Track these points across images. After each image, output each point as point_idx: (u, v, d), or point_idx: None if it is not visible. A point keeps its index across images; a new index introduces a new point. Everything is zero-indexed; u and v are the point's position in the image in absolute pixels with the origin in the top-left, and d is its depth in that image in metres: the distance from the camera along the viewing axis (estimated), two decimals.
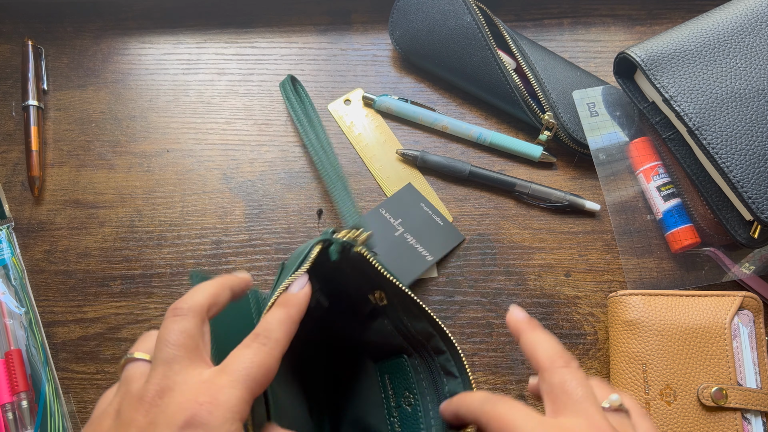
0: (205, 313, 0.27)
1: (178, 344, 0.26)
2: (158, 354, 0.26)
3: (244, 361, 0.26)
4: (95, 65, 0.55)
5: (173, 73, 0.55)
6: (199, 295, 0.28)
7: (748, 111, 0.42)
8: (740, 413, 0.41)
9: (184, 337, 0.26)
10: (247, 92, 0.54)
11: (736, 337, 0.43)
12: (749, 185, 0.40)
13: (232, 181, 0.52)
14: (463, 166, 0.50)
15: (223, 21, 0.56)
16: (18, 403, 0.44)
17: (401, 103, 0.53)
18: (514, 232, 0.50)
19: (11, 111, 0.54)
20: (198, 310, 0.27)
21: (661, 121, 0.47)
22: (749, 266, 0.46)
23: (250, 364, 0.25)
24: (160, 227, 0.50)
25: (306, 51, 0.56)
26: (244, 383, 0.25)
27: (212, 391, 0.24)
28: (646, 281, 0.47)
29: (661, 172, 0.48)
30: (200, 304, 0.27)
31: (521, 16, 0.56)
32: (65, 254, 0.49)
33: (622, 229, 0.48)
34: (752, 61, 0.43)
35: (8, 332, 0.46)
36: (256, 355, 0.26)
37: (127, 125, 0.53)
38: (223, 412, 0.24)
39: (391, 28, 0.53)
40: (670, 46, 0.44)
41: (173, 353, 0.25)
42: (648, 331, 0.43)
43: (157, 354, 0.26)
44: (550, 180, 0.51)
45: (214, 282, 0.29)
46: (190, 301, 0.27)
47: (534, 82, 0.50)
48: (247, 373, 0.25)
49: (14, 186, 0.51)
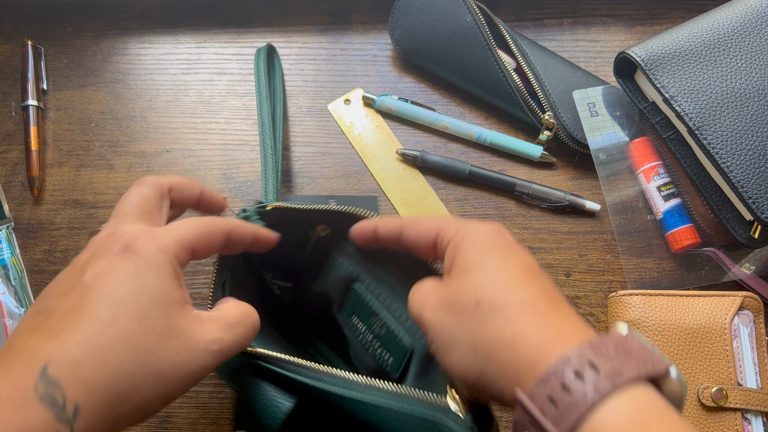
0: (165, 188, 0.32)
1: (134, 204, 0.30)
2: (115, 210, 0.29)
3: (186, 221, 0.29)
4: (95, 65, 0.55)
5: (173, 72, 0.55)
6: (164, 176, 0.32)
7: (749, 111, 0.42)
8: (740, 413, 0.41)
9: (141, 199, 0.30)
10: (247, 92, 0.54)
11: (736, 337, 0.43)
12: (749, 185, 0.40)
13: (232, 181, 0.52)
14: (463, 166, 0.50)
15: (223, 21, 0.56)
16: None
17: (401, 103, 0.53)
18: (514, 232, 0.50)
19: (11, 111, 0.53)
20: (160, 183, 0.31)
21: (662, 121, 0.47)
22: (749, 266, 0.46)
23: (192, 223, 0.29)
24: None
25: (306, 51, 0.56)
26: (182, 233, 0.28)
27: (150, 233, 0.27)
28: (647, 281, 0.47)
29: (662, 172, 0.48)
30: (163, 180, 0.32)
31: (521, 16, 0.56)
32: (65, 254, 0.49)
33: (622, 229, 0.48)
34: (752, 61, 0.43)
35: (8, 332, 0.46)
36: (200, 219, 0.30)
37: (127, 125, 0.53)
38: (157, 243, 0.27)
39: (391, 27, 0.53)
40: (671, 46, 0.44)
41: (127, 210, 0.29)
42: (648, 331, 0.43)
43: (115, 210, 0.29)
44: (550, 180, 0.51)
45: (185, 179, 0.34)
46: (155, 176, 0.32)
47: (534, 82, 0.50)
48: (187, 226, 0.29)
49: (14, 186, 0.51)
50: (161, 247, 0.27)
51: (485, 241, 0.28)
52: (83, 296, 0.25)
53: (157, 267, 0.26)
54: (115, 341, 0.24)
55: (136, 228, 0.28)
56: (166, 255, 0.27)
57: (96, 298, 0.25)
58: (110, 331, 0.24)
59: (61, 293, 0.26)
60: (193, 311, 0.27)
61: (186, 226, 0.29)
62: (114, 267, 0.26)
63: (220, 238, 0.30)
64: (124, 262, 0.26)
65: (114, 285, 0.25)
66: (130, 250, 0.26)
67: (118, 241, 0.27)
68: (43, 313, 0.25)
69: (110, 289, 0.25)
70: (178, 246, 0.27)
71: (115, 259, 0.26)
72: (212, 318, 0.28)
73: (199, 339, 0.26)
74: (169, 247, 0.27)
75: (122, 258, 0.26)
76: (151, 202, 0.30)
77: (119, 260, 0.26)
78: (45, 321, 0.25)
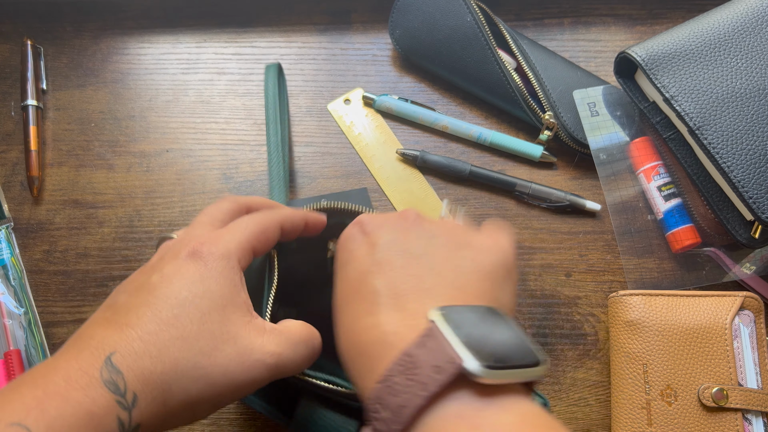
0: (245, 208, 0.33)
1: (210, 215, 0.31)
2: (194, 219, 0.32)
3: (245, 220, 0.31)
4: (94, 65, 0.55)
5: (172, 72, 0.55)
6: (248, 197, 0.34)
7: (749, 111, 0.42)
8: (741, 414, 0.41)
9: (218, 212, 0.32)
10: (246, 92, 0.54)
11: (736, 337, 0.43)
12: (750, 185, 0.40)
13: (231, 181, 0.51)
14: (463, 166, 0.50)
15: (223, 20, 0.56)
16: None
17: (401, 102, 0.53)
18: (515, 232, 0.50)
19: (10, 111, 0.53)
20: (241, 202, 0.33)
21: (662, 121, 0.46)
22: (750, 266, 0.46)
23: (250, 222, 0.31)
24: (160, 227, 0.50)
25: (306, 51, 0.56)
26: (243, 234, 0.30)
27: (215, 237, 0.29)
28: (647, 281, 0.47)
29: (662, 172, 0.48)
30: (245, 200, 0.34)
31: (521, 16, 0.56)
32: (64, 254, 0.49)
33: (622, 229, 0.48)
34: (753, 61, 0.43)
35: (7, 332, 0.46)
36: (256, 217, 0.31)
37: (127, 125, 0.53)
38: (221, 249, 0.28)
39: (391, 27, 0.53)
40: (671, 46, 0.44)
41: (203, 219, 0.31)
42: (649, 332, 0.43)
43: (195, 221, 0.31)
44: (550, 180, 0.51)
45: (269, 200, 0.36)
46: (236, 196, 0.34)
47: (534, 81, 0.50)
48: (246, 227, 0.30)
49: (13, 186, 0.51)
50: (225, 252, 0.28)
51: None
52: (149, 295, 0.26)
53: (219, 273, 0.27)
54: (174, 340, 0.25)
55: (204, 233, 0.29)
56: (229, 261, 0.28)
57: (161, 298, 0.26)
58: (170, 329, 0.25)
59: (131, 290, 0.27)
60: (256, 320, 0.28)
61: (245, 227, 0.30)
62: (180, 270, 0.27)
63: (275, 232, 0.32)
64: (190, 266, 0.27)
65: (178, 287, 0.27)
66: (196, 256, 0.28)
67: (186, 245, 0.28)
68: (112, 307, 0.27)
69: (174, 291, 0.26)
70: (240, 250, 0.29)
71: (181, 263, 0.28)
72: (275, 331, 0.28)
73: (256, 349, 0.27)
74: (232, 252, 0.28)
75: (188, 262, 0.28)
76: (227, 215, 0.32)
77: (185, 264, 0.27)
78: (113, 315, 0.26)
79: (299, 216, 0.34)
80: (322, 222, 0.36)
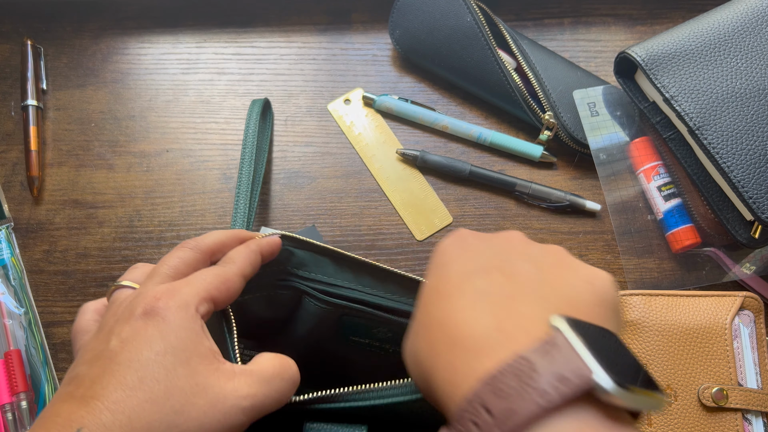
0: (208, 252, 0.31)
1: (170, 265, 0.29)
2: (151, 272, 0.30)
3: (203, 273, 0.29)
4: (94, 65, 0.55)
5: (173, 72, 0.55)
6: (208, 238, 0.32)
7: (749, 111, 0.42)
8: (741, 414, 0.41)
9: (178, 261, 0.30)
10: (246, 92, 0.54)
11: (736, 337, 0.43)
12: (750, 185, 0.40)
13: (231, 180, 0.51)
14: (463, 166, 0.50)
15: (223, 20, 0.56)
16: (17, 403, 0.44)
17: (401, 102, 0.53)
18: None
19: (10, 111, 0.53)
20: (202, 247, 0.31)
21: (662, 121, 0.46)
22: (750, 266, 0.46)
23: (209, 274, 0.29)
24: (160, 227, 0.50)
25: (306, 51, 0.56)
26: (201, 285, 0.28)
27: (171, 290, 0.28)
28: (647, 281, 0.47)
29: (662, 172, 0.48)
30: (206, 244, 0.32)
31: (521, 16, 0.56)
32: (64, 254, 0.49)
33: (622, 229, 0.48)
34: (753, 61, 0.43)
35: (8, 332, 0.46)
36: (215, 269, 0.30)
37: (127, 125, 0.53)
38: (177, 301, 0.27)
39: (391, 27, 0.53)
40: (671, 46, 0.44)
41: (161, 271, 0.29)
42: (649, 332, 0.43)
43: (151, 272, 0.30)
44: (550, 180, 0.51)
45: (228, 232, 0.33)
46: (198, 240, 0.32)
47: (534, 81, 0.50)
48: (205, 279, 0.29)
49: (13, 186, 0.51)
50: (182, 303, 0.27)
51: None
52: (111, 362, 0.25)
53: (179, 326, 0.26)
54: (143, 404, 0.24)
55: (159, 288, 0.28)
56: (187, 311, 0.27)
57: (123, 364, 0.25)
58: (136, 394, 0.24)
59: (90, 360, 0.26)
60: (223, 365, 0.27)
61: (203, 278, 0.29)
62: (138, 332, 0.26)
63: (237, 283, 0.30)
64: (147, 325, 0.26)
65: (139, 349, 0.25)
66: (152, 313, 0.26)
67: (141, 303, 0.27)
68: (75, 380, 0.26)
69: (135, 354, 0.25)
70: (198, 299, 0.28)
71: (138, 324, 0.26)
72: (245, 372, 0.27)
73: (229, 395, 0.26)
74: (190, 302, 0.27)
75: (145, 321, 0.26)
76: (188, 266, 0.30)
77: (142, 324, 0.26)
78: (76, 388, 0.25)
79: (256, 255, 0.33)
80: (276, 245, 0.35)
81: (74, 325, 0.30)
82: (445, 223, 0.50)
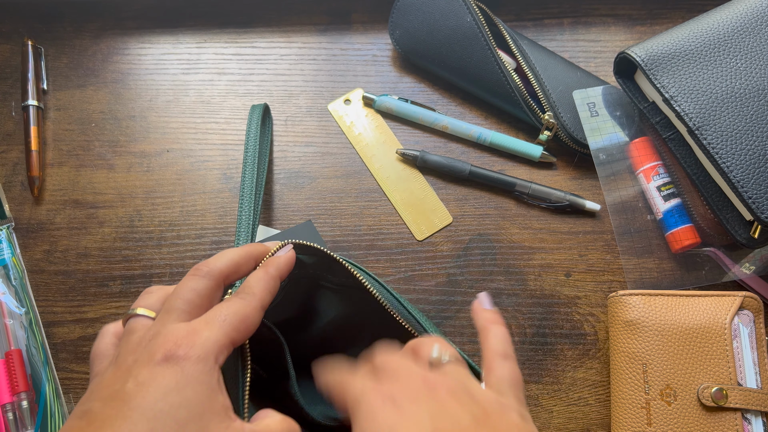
0: (221, 278, 0.30)
1: (185, 299, 0.29)
2: (166, 305, 0.29)
3: (223, 311, 0.29)
4: (95, 65, 0.55)
5: (173, 72, 0.55)
6: (221, 261, 0.31)
7: (749, 111, 0.42)
8: (740, 413, 0.41)
9: (193, 294, 0.29)
10: (246, 92, 0.54)
11: (736, 337, 0.43)
12: (749, 185, 0.40)
13: (231, 180, 0.52)
14: (463, 166, 0.50)
15: (223, 21, 0.56)
16: (18, 403, 0.44)
17: (401, 103, 0.53)
18: (514, 232, 0.50)
19: (11, 111, 0.53)
20: (215, 274, 0.30)
21: (662, 121, 0.47)
22: (749, 266, 0.46)
23: (229, 313, 0.28)
24: (160, 227, 0.50)
25: (306, 51, 0.56)
26: (221, 329, 0.28)
27: (191, 335, 0.27)
28: (647, 281, 0.47)
29: (662, 172, 0.48)
30: (219, 270, 0.30)
31: (521, 16, 0.56)
32: (65, 254, 0.49)
33: (622, 229, 0.48)
34: (752, 61, 0.43)
35: (8, 332, 0.46)
36: (235, 305, 0.29)
37: (127, 125, 0.53)
38: (197, 351, 0.26)
39: (391, 27, 0.53)
40: (671, 46, 0.44)
41: (177, 306, 0.28)
42: (648, 332, 0.43)
43: (165, 305, 0.29)
44: (550, 180, 0.51)
45: (241, 250, 0.32)
46: (211, 264, 0.30)
47: (534, 82, 0.50)
48: (225, 320, 0.28)
49: (14, 186, 0.51)
50: (202, 354, 0.27)
51: None
52: (124, 405, 0.25)
53: (196, 379, 0.26)
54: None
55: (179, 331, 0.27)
56: (207, 363, 0.27)
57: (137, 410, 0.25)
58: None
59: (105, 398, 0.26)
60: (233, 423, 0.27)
61: (223, 319, 0.28)
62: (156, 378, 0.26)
63: (256, 317, 0.30)
64: (166, 373, 0.26)
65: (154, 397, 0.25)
66: (171, 360, 0.26)
67: (161, 347, 0.27)
68: (87, 416, 0.26)
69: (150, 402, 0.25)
70: (219, 347, 0.27)
71: (156, 369, 0.26)
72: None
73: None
74: (210, 352, 0.27)
75: (164, 368, 0.26)
76: (204, 298, 0.30)
77: (161, 371, 0.26)
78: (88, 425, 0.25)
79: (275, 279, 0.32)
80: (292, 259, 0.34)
81: (93, 347, 0.30)
82: (445, 223, 0.50)
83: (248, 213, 0.41)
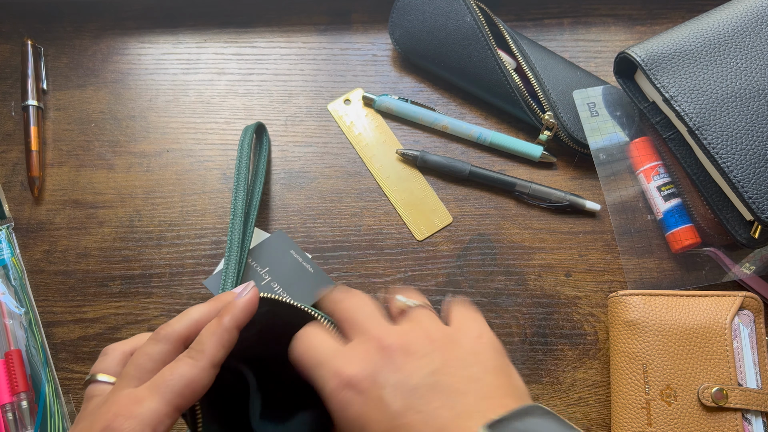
0: (179, 341, 0.30)
1: (139, 366, 0.29)
2: (123, 370, 0.29)
3: (170, 376, 0.28)
4: (95, 65, 0.55)
5: (173, 72, 0.55)
6: (180, 324, 0.30)
7: (749, 111, 0.42)
8: (741, 413, 0.41)
9: (145, 359, 0.29)
10: (246, 92, 0.54)
11: (736, 337, 0.43)
12: (750, 185, 0.40)
13: (231, 180, 0.51)
14: (463, 166, 0.50)
15: (223, 21, 0.56)
16: (18, 403, 0.44)
17: (401, 102, 0.53)
18: (514, 232, 0.50)
19: (11, 111, 0.53)
20: (173, 338, 0.30)
21: (662, 121, 0.46)
22: (750, 266, 0.46)
23: (174, 378, 0.28)
24: (160, 227, 0.50)
25: (306, 51, 0.56)
26: (163, 397, 0.27)
27: (131, 405, 0.27)
28: (647, 281, 0.47)
29: (662, 172, 0.48)
30: (178, 333, 0.30)
31: (521, 16, 0.56)
32: (65, 254, 0.49)
33: (622, 229, 0.48)
34: (753, 61, 0.43)
35: (8, 332, 0.46)
36: (180, 369, 0.28)
37: (127, 125, 0.53)
38: (134, 423, 0.26)
39: (391, 27, 0.53)
40: (671, 46, 0.44)
41: (129, 372, 0.29)
42: (648, 332, 0.43)
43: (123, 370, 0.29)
44: (550, 180, 0.51)
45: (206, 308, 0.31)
46: (169, 328, 0.30)
47: (534, 81, 0.50)
48: (168, 386, 0.28)
49: (14, 186, 0.51)
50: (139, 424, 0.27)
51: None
52: None
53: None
54: None
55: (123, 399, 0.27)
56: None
57: None
58: None
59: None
60: None
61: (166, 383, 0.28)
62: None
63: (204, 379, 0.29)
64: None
65: None
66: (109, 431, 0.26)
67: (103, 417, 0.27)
68: None
69: None
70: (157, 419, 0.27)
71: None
72: None
73: None
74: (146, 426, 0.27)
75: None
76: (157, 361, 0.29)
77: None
78: None
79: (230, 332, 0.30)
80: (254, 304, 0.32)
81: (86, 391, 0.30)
82: (445, 223, 0.50)
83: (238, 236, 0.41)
